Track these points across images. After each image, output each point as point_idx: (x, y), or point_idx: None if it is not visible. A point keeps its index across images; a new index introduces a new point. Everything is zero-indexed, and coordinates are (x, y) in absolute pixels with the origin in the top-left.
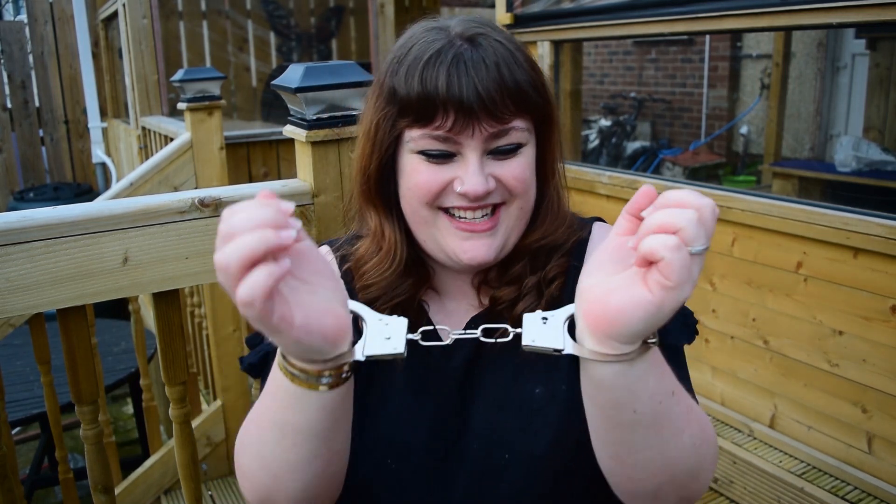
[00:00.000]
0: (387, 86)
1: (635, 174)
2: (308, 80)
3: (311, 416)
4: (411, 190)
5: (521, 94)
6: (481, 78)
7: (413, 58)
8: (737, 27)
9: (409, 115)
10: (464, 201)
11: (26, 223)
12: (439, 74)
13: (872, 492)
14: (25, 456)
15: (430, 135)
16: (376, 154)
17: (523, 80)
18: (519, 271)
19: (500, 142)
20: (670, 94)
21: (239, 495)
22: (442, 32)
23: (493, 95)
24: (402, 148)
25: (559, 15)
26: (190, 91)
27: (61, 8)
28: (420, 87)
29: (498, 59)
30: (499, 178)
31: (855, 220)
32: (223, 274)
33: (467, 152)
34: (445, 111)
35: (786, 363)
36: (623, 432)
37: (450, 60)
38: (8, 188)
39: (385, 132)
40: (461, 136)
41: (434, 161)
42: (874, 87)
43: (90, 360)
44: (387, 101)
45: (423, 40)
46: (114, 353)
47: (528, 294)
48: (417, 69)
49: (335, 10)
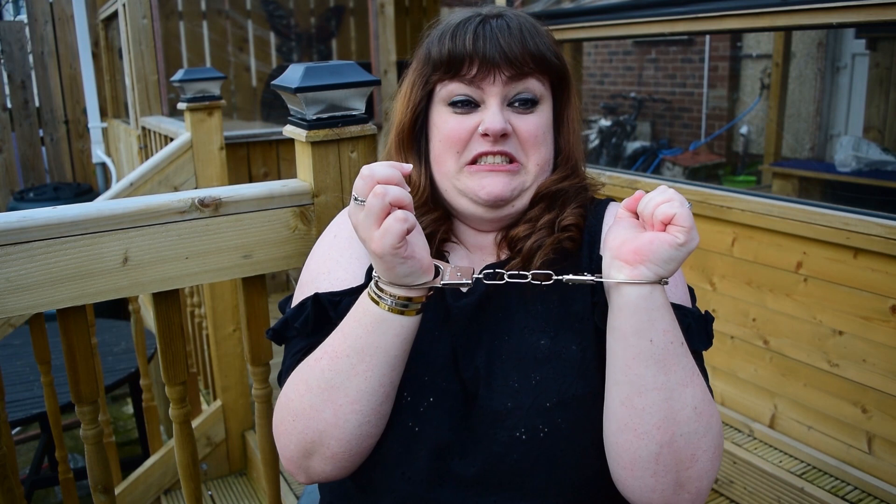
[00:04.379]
0: (423, 51)
1: (635, 174)
2: (308, 80)
3: (393, 340)
4: (441, 139)
5: (539, 54)
6: (504, 36)
7: (446, 26)
8: (737, 27)
9: (440, 68)
10: (486, 143)
11: (26, 223)
12: (466, 33)
13: (872, 492)
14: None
15: (458, 81)
16: (410, 107)
17: (542, 43)
18: (534, 214)
19: (518, 88)
20: (670, 94)
21: (239, 495)
22: (474, 11)
23: (514, 50)
24: (434, 102)
25: (559, 15)
26: (190, 91)
27: (61, 8)
28: (451, 44)
29: (521, 25)
30: (515, 129)
31: (855, 220)
32: (377, 203)
33: (488, 98)
34: (471, 61)
35: (786, 363)
36: (637, 365)
37: (476, 23)
38: (8, 188)
39: (419, 87)
40: (483, 82)
41: (460, 111)
42: (874, 87)
43: (90, 360)
44: (423, 63)
45: (457, 16)
46: (114, 353)
47: (541, 230)
48: (448, 33)
49: (335, 10)
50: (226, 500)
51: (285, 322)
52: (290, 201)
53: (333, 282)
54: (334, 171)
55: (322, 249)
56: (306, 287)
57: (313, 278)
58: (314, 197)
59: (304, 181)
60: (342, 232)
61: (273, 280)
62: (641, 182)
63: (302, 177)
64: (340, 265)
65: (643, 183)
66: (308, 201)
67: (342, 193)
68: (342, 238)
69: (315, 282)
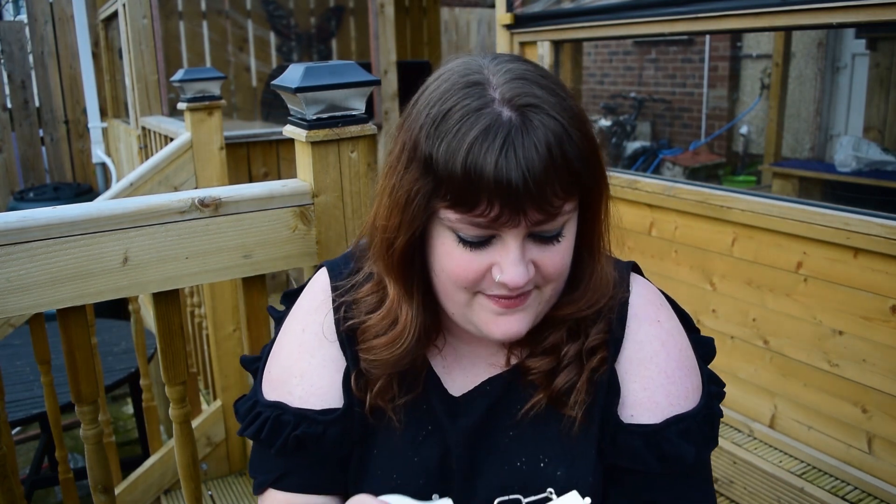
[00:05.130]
0: (423, 152)
1: (635, 174)
2: (308, 80)
3: None
4: (447, 273)
5: (573, 177)
6: (532, 166)
7: (455, 129)
8: (737, 27)
9: (449, 197)
10: (502, 290)
11: (26, 223)
12: (486, 161)
13: (872, 492)
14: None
15: (471, 221)
16: (405, 229)
17: (575, 157)
18: (556, 339)
19: (545, 227)
20: (670, 94)
21: (239, 495)
22: (485, 94)
23: (543, 185)
24: (435, 220)
25: (559, 15)
26: (190, 91)
27: (61, 8)
28: (464, 170)
29: (550, 138)
30: (538, 265)
31: (855, 220)
32: None
33: (508, 238)
34: (490, 201)
35: (786, 363)
36: None
37: (499, 146)
38: (8, 188)
39: (419, 207)
40: (505, 226)
41: (470, 247)
42: (874, 87)
43: (90, 360)
44: (422, 172)
45: (464, 104)
46: (114, 353)
47: (569, 366)
48: (462, 148)
49: (335, 10)
50: (226, 500)
51: (258, 436)
52: (291, 201)
53: (308, 388)
54: (334, 171)
55: (291, 345)
56: (278, 385)
57: (284, 379)
58: (314, 197)
59: (304, 181)
60: (310, 326)
61: (273, 280)
62: (641, 182)
63: (302, 177)
64: (313, 367)
65: (643, 183)
66: (308, 201)
67: (342, 193)
68: (310, 334)
69: (287, 384)
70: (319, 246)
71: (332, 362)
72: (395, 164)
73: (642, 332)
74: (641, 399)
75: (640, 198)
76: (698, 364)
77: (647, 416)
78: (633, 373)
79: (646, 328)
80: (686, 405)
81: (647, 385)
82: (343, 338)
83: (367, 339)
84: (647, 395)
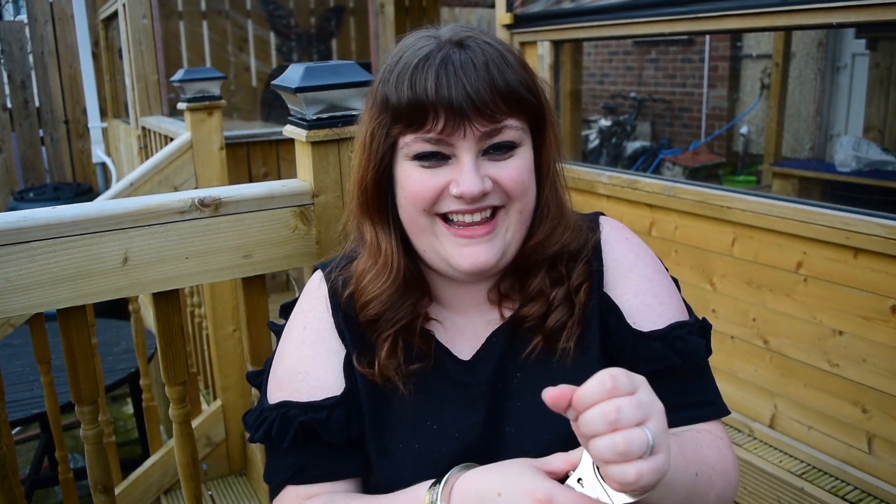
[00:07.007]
0: (379, 94)
1: (635, 174)
2: (308, 80)
3: None
4: (408, 198)
5: (512, 94)
6: (470, 79)
7: (403, 64)
8: (737, 27)
9: (401, 120)
10: (461, 204)
11: (26, 223)
12: (427, 78)
13: (872, 492)
14: (25, 456)
15: (422, 138)
16: (373, 163)
17: (513, 79)
18: (540, 284)
19: (493, 140)
20: (670, 94)
21: (239, 495)
22: (432, 39)
23: (483, 95)
24: (398, 156)
25: (559, 15)
26: (190, 91)
27: (61, 8)
28: (410, 91)
29: (487, 59)
30: (496, 180)
31: (855, 220)
32: None
33: (461, 154)
34: (436, 113)
35: (786, 363)
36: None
37: (437, 63)
38: (8, 188)
39: (380, 141)
40: (453, 137)
41: (428, 165)
42: (874, 87)
43: (90, 360)
44: (380, 110)
45: (413, 47)
46: (114, 353)
47: (558, 307)
48: (407, 75)
49: (335, 10)
50: (226, 500)
51: (268, 436)
52: (290, 201)
53: (314, 383)
54: (334, 170)
55: (294, 344)
56: (284, 385)
57: (290, 378)
58: (314, 197)
59: (304, 181)
60: (311, 324)
61: (273, 280)
62: (641, 182)
63: (302, 177)
64: (317, 362)
65: (643, 183)
66: (308, 201)
67: (342, 193)
68: (311, 331)
69: (293, 382)
70: (319, 246)
71: (333, 354)
72: (361, 119)
73: (616, 251)
74: (635, 305)
75: (640, 198)
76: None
77: (647, 320)
78: (621, 286)
79: (618, 248)
80: (674, 305)
81: (636, 291)
82: (340, 321)
83: (360, 284)
84: (640, 300)
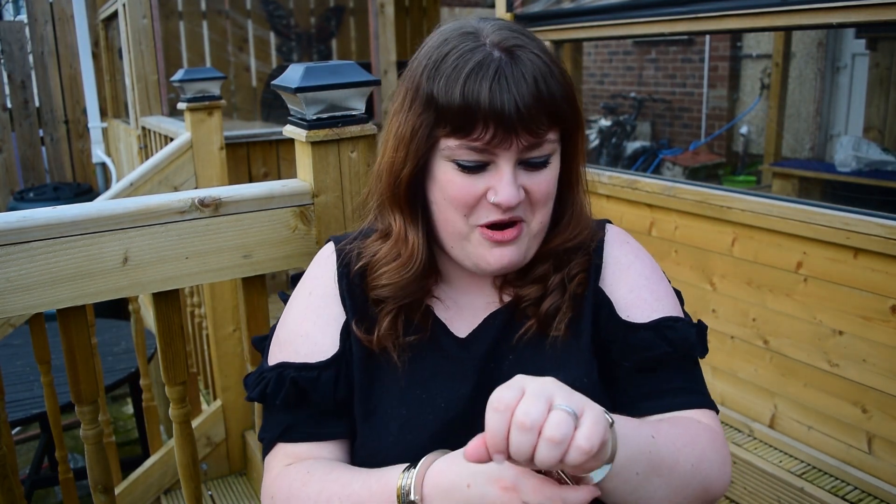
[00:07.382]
0: (424, 90)
1: (635, 174)
2: (308, 80)
3: None
4: (447, 200)
5: (556, 108)
6: (522, 94)
7: (453, 66)
8: (737, 27)
9: (449, 124)
10: (496, 212)
11: (26, 223)
12: (482, 88)
13: (872, 492)
14: (25, 456)
15: (468, 146)
16: (411, 160)
17: (558, 93)
18: (543, 271)
19: (533, 153)
20: (670, 94)
21: (239, 495)
22: (478, 40)
23: (532, 110)
24: (436, 154)
25: (559, 15)
26: (190, 91)
27: (61, 8)
28: (462, 98)
29: (536, 73)
30: (527, 190)
31: (855, 220)
32: None
33: (501, 163)
34: (485, 124)
35: (786, 363)
36: (633, 492)
37: (492, 75)
38: (8, 188)
39: (422, 139)
40: (498, 147)
41: (469, 171)
42: (874, 87)
43: (90, 360)
44: (424, 107)
45: (460, 47)
46: (114, 353)
47: (553, 292)
48: (459, 80)
49: (335, 10)
50: (226, 500)
51: (264, 394)
52: (290, 201)
53: (311, 346)
54: (334, 171)
55: (298, 308)
56: (285, 346)
57: (291, 339)
58: (314, 197)
59: (304, 181)
60: (316, 289)
61: (273, 280)
62: (641, 182)
63: (302, 177)
64: (318, 326)
65: (643, 183)
66: (308, 201)
67: (342, 193)
68: (316, 296)
69: (293, 343)
70: (319, 246)
71: (334, 320)
72: (399, 108)
73: (616, 251)
74: (631, 299)
75: (640, 198)
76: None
77: (641, 313)
78: (617, 282)
79: (619, 248)
80: (670, 304)
81: (632, 287)
82: (344, 288)
83: (377, 269)
84: (635, 295)
